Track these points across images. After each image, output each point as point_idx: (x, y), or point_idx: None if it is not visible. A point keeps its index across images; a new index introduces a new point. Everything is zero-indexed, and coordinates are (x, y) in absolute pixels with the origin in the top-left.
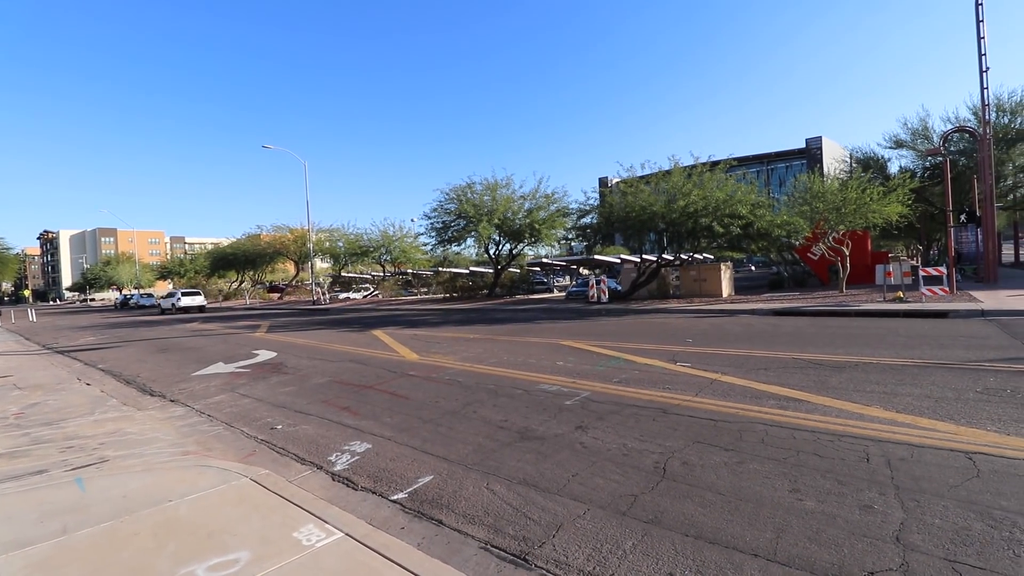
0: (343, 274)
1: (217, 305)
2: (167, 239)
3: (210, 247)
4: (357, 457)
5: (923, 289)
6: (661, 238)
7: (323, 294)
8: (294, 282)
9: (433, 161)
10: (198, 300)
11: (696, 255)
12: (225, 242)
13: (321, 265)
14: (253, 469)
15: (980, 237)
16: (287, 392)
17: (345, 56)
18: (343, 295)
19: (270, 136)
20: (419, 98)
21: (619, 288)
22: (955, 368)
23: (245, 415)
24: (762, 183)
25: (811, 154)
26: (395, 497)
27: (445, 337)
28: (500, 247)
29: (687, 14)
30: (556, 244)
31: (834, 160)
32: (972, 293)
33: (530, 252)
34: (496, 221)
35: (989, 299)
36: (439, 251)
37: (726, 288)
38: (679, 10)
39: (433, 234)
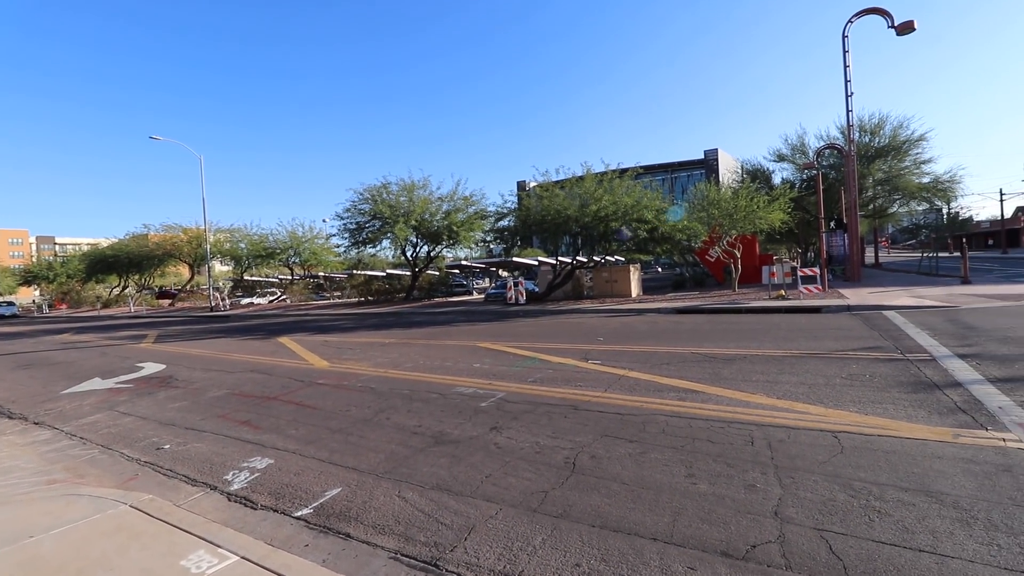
0: (246, 278)
1: (94, 314)
2: (32, 239)
3: (86, 248)
4: (257, 474)
5: (801, 288)
6: (575, 241)
7: (222, 299)
8: (188, 287)
9: (345, 170)
10: None
11: (608, 257)
12: (105, 243)
13: (221, 268)
14: (134, 495)
15: (847, 241)
16: (177, 408)
17: (254, 63)
18: (246, 300)
19: (166, 135)
20: (330, 106)
21: (536, 289)
22: (825, 357)
23: (126, 435)
24: (667, 190)
25: (708, 164)
26: (299, 513)
27: (358, 342)
28: (418, 249)
29: (610, 39)
30: (475, 246)
31: (728, 171)
32: (841, 291)
33: (449, 254)
34: (413, 222)
35: (854, 296)
36: (353, 253)
37: (635, 288)
38: (605, 34)
39: (346, 235)
